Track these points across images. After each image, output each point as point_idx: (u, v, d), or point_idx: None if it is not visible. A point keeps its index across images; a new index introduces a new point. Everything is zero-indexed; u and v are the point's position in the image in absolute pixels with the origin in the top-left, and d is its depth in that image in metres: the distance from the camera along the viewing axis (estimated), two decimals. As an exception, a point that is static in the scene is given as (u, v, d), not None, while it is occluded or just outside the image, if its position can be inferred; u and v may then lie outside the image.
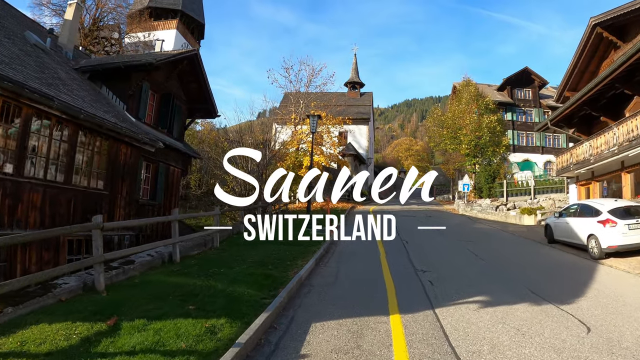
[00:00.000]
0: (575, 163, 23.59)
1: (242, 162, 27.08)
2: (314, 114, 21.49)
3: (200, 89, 21.31)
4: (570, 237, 15.61)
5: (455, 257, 12.69)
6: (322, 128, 37.20)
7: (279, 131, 38.71)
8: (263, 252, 12.66)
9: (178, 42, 45.41)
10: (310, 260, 11.22)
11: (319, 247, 13.87)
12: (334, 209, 30.57)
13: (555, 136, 52.56)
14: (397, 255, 12.99)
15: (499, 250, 14.86)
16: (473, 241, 16.72)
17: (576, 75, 26.18)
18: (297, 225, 21.75)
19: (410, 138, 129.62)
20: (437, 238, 17.41)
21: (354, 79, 59.18)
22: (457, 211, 34.34)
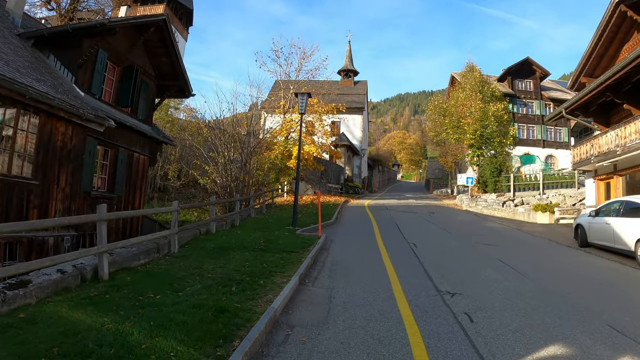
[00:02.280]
0: (598, 155, 21.13)
1: (223, 151, 24.47)
2: (303, 92, 18.77)
3: (171, 63, 18.42)
4: (612, 242, 13.08)
5: (485, 271, 9.80)
6: (313, 117, 34.56)
7: (269, 120, 36.04)
8: (232, 261, 9.91)
9: None
10: (292, 277, 8.26)
11: (305, 253, 11.14)
12: (326, 204, 27.89)
13: (557, 129, 51.19)
14: (408, 266, 10.14)
15: (532, 258, 11.99)
16: (493, 244, 14.01)
17: (594, 59, 24.22)
18: (282, 222, 19.33)
19: (403, 131, 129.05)
20: (449, 240, 14.75)
21: (348, 67, 56.36)
22: (461, 207, 31.74)
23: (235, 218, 18.17)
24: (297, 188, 18.98)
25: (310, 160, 32.35)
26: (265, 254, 10.97)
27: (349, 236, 15.68)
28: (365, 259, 11.09)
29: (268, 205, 25.98)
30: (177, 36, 45.92)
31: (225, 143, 24.91)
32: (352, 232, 17.02)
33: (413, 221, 20.77)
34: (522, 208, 28.37)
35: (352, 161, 49.82)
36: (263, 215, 22.24)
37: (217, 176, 24.19)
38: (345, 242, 14.15)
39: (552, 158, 50.57)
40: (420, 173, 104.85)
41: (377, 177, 67.00)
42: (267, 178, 30.78)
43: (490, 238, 15.85)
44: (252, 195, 22.21)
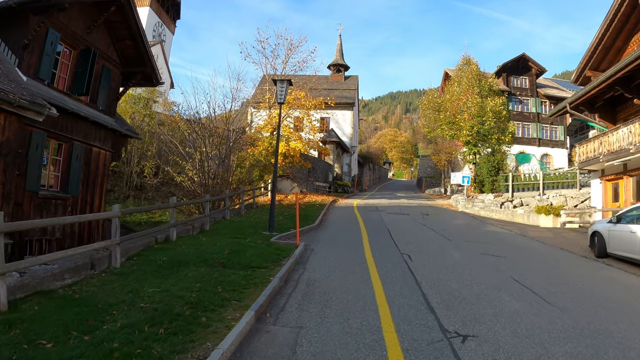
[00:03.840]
0: (607, 153, 19.41)
1: (201, 146, 22.53)
2: (283, 79, 16.77)
3: (136, 47, 16.31)
4: (637, 253, 11.31)
5: (500, 297, 7.74)
6: (301, 111, 32.61)
7: (256, 115, 34.08)
8: (181, 281, 7.94)
9: (151, 21, 40.98)
10: (247, 311, 6.20)
11: (275, 270, 9.19)
12: (311, 204, 25.98)
13: (553, 128, 50.07)
14: (403, 290, 8.09)
15: (550, 275, 10.00)
16: (501, 255, 12.05)
17: (600, 52, 22.68)
18: (259, 226, 17.17)
19: (395, 129, 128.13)
20: (449, 250, 12.71)
21: (338, 61, 54.22)
22: (456, 208, 29.84)
23: (205, 221, 16.13)
24: (274, 186, 16.98)
25: (296, 157, 30.39)
26: (226, 270, 8.97)
27: (332, 245, 13.56)
28: (349, 277, 9.04)
29: (248, 205, 23.98)
30: (164, 29, 44.04)
31: (202, 138, 22.97)
32: (336, 239, 14.95)
33: (406, 225, 18.84)
34: (521, 209, 26.69)
35: (342, 159, 47.81)
36: (240, 217, 20.21)
37: (195, 173, 22.25)
38: (328, 252, 12.05)
39: (547, 157, 49.27)
40: (412, 171, 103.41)
41: (368, 175, 65.12)
42: (250, 176, 28.85)
43: (495, 247, 13.92)
44: (228, 195, 20.15)
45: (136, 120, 30.93)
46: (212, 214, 17.92)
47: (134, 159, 30.01)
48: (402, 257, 11.15)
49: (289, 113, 32.06)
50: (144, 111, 31.79)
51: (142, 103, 31.73)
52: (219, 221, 18.10)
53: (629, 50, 21.28)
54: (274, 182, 17.11)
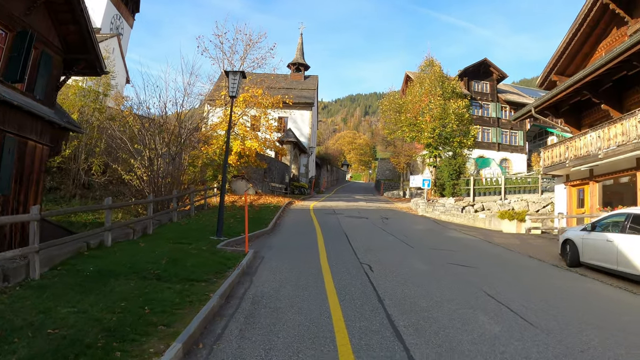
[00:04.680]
0: (574, 158, 18.86)
1: (150, 142, 20.89)
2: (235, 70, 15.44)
3: (80, 32, 14.63)
4: (614, 263, 10.61)
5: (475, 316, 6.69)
6: (258, 110, 31.21)
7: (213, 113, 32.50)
8: (105, 298, 6.58)
9: (109, 13, 38.82)
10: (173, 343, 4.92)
11: (217, 283, 7.90)
12: (266, 205, 24.67)
13: (513, 133, 50.55)
14: (363, 309, 6.92)
15: (524, 288, 9.04)
16: (470, 265, 11.04)
17: (567, 57, 22.52)
18: (207, 230, 15.64)
19: (353, 131, 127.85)
20: (413, 259, 11.56)
21: (299, 60, 52.88)
22: (416, 212, 29.01)
23: (148, 224, 14.56)
24: (223, 186, 15.52)
25: (252, 157, 29.02)
26: (160, 284, 7.61)
27: (285, 252, 12.23)
28: (302, 293, 7.78)
29: (199, 206, 22.45)
30: (122, 22, 41.90)
31: (152, 134, 21.32)
32: (290, 245, 13.62)
33: (365, 230, 17.71)
34: (482, 214, 26.01)
35: (299, 159, 46.52)
36: (189, 219, 18.66)
37: (144, 172, 20.59)
38: (279, 261, 10.74)
39: (506, 161, 49.47)
40: (370, 174, 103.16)
41: (325, 177, 64.04)
42: (204, 175, 27.30)
43: (462, 255, 12.93)
44: (176, 196, 18.61)
45: (85, 114, 28.94)
46: (158, 216, 16.41)
47: (81, 155, 27.99)
48: (361, 268, 9.96)
49: (245, 111, 30.66)
50: (93, 105, 29.75)
51: (92, 96, 29.71)
52: (164, 224, 16.56)
53: (597, 56, 20.97)
54: (224, 182, 15.68)
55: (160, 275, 8.21)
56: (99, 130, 28.49)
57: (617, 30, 19.98)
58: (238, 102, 29.74)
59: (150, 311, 6.15)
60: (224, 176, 15.59)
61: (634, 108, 17.18)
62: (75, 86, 27.18)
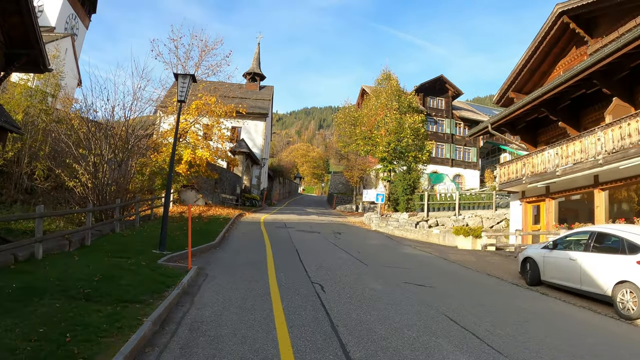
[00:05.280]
0: (531, 175, 18.60)
1: (96, 148, 19.47)
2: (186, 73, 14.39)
3: (23, 25, 13.33)
4: (577, 282, 10.29)
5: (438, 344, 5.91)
6: (211, 119, 30.05)
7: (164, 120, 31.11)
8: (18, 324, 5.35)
9: (65, 12, 36.75)
10: None
11: (154, 305, 6.84)
12: (215, 218, 23.47)
13: (466, 149, 50.99)
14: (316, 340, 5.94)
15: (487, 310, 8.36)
16: (427, 285, 10.28)
17: (525, 74, 22.52)
18: (150, 243, 14.37)
19: (307, 144, 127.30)
20: (367, 278, 10.67)
21: (255, 70, 51.79)
22: (369, 226, 28.32)
23: (86, 235, 13.24)
24: (167, 196, 14.33)
25: (203, 167, 27.78)
26: (88, 305, 6.47)
27: (231, 269, 11.10)
28: (247, 318, 6.75)
29: (145, 217, 21.09)
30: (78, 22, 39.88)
31: (98, 139, 19.91)
32: (237, 261, 12.44)
33: (317, 245, 16.80)
34: (437, 230, 25.62)
35: (251, 171, 45.30)
36: (133, 230, 17.28)
37: (89, 178, 19.12)
38: (225, 279, 9.63)
39: (459, 177, 49.81)
40: (323, 187, 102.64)
41: (278, 189, 62.95)
42: (152, 184, 25.87)
43: (418, 273, 12.19)
44: (120, 205, 17.28)
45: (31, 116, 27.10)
46: (99, 226, 15.08)
47: (24, 158, 26.12)
48: (313, 288, 9.01)
49: (197, 119, 29.43)
50: (40, 106, 27.90)
51: (40, 97, 27.89)
52: (105, 235, 15.18)
53: (555, 74, 21.00)
54: (168, 191, 14.47)
55: (90, 295, 7.06)
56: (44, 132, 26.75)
57: (576, 50, 20.02)
58: (190, 110, 28.54)
59: (71, 339, 5.07)
60: (169, 185, 14.39)
61: (591, 126, 17.16)
62: (22, 85, 25.43)
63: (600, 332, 7.73)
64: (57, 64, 26.07)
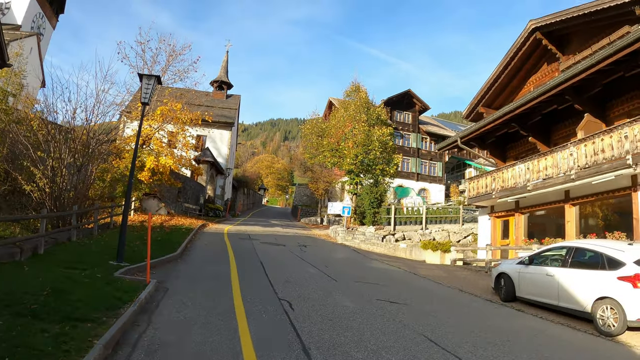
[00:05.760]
0: (501, 189, 18.38)
1: (55, 151, 18.34)
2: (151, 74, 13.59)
3: None
4: (554, 298, 10.02)
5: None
6: (176, 126, 29.11)
7: (128, 126, 30.02)
8: None
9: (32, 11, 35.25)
10: None
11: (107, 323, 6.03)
12: (177, 228, 22.52)
13: (432, 164, 51.26)
14: None
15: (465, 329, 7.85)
16: (401, 302, 9.69)
17: (496, 89, 22.48)
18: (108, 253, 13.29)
19: (272, 155, 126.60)
20: (337, 294, 10.04)
21: (222, 78, 50.88)
22: (335, 239, 27.74)
23: (40, 243, 12.24)
24: (127, 203, 13.41)
25: (166, 175, 26.74)
26: (35, 323, 5.61)
27: (193, 283, 10.28)
28: (210, 340, 5.98)
29: (105, 225, 20.04)
30: (45, 22, 38.39)
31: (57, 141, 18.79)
32: (200, 275, 11.65)
33: (283, 258, 16.07)
34: (403, 244, 25.28)
35: (216, 180, 44.29)
36: (91, 239, 16.24)
37: (47, 183, 17.96)
38: (186, 295, 8.80)
39: (425, 191, 49.90)
40: (287, 199, 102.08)
41: (242, 200, 61.93)
42: (113, 191, 24.71)
43: (390, 289, 11.63)
44: (77, 212, 16.26)
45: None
46: (54, 234, 14.10)
47: (-21, 161, 24.65)
48: (280, 305, 8.30)
49: (162, 126, 28.45)
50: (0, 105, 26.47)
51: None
52: (61, 243, 14.14)
53: (525, 90, 21.05)
54: (127, 199, 13.57)
55: (37, 312, 6.21)
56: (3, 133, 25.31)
57: (548, 66, 20.07)
58: (155, 116, 27.58)
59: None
60: (129, 191, 13.49)
61: (561, 142, 17.13)
62: (-18, 84, 24.12)
63: (584, 349, 7.54)
64: (19, 62, 24.82)
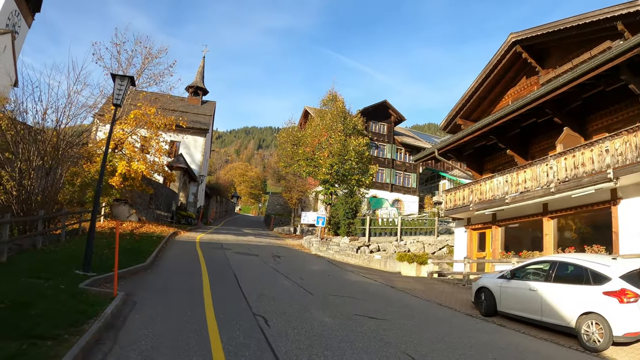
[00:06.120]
0: (479, 202, 18.23)
1: (24, 152, 17.48)
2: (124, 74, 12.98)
3: None
4: (538, 313, 9.84)
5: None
6: (150, 131, 28.41)
7: (101, 129, 29.24)
8: None
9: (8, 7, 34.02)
10: None
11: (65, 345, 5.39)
12: (148, 235, 21.80)
13: (406, 175, 51.31)
14: None
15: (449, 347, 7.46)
16: (380, 317, 9.25)
17: (474, 101, 22.53)
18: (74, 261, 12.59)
19: (246, 163, 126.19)
20: (315, 309, 9.55)
21: (198, 84, 50.10)
22: (309, 250, 27.24)
23: (2, 250, 11.47)
24: (95, 208, 12.74)
25: (137, 180, 25.97)
26: None
27: (163, 296, 9.66)
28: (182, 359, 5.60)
29: (73, 231, 19.21)
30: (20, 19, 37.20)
31: (26, 142, 17.94)
32: (170, 287, 11.01)
33: (256, 270, 15.48)
34: (378, 255, 24.98)
35: (189, 187, 43.41)
36: (57, 246, 15.41)
37: (14, 186, 17.08)
38: (155, 309, 8.22)
39: (399, 202, 49.83)
40: (260, 207, 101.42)
41: (215, 207, 60.98)
42: (84, 196, 23.83)
43: (368, 304, 11.20)
44: (42, 217, 15.43)
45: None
46: (19, 240, 13.40)
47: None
48: (255, 321, 7.78)
49: (135, 130, 27.73)
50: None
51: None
52: (26, 250, 13.35)
53: (503, 103, 21.10)
54: (95, 204, 12.86)
55: None
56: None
57: (527, 80, 20.13)
58: (129, 120, 26.87)
59: None
60: (97, 195, 12.78)
61: (538, 155, 17.15)
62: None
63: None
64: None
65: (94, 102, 26.08)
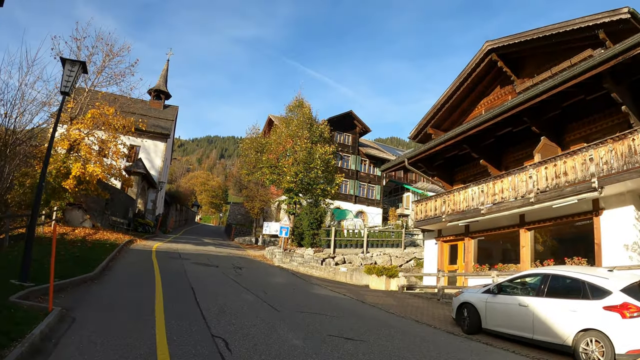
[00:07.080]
0: (452, 212, 17.48)
1: None
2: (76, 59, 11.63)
3: None
4: (529, 331, 9.05)
5: None
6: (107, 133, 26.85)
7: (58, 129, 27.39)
8: None
9: None
10: None
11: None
12: (101, 243, 20.26)
13: (370, 187, 50.91)
14: None
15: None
16: (356, 338, 8.22)
17: (446, 110, 22.10)
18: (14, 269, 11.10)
19: (207, 172, 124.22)
20: (284, 330, 8.35)
21: (161, 87, 48.21)
22: (272, 261, 26.03)
23: None
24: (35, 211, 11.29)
25: (93, 184, 24.35)
26: None
27: (108, 313, 8.33)
28: None
29: (18, 236, 17.57)
30: None
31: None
32: (118, 301, 9.63)
33: (216, 282, 14.19)
34: (344, 267, 24.04)
35: (147, 194, 41.60)
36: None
37: None
38: (96, 329, 6.89)
39: (362, 214, 49.24)
40: (221, 217, 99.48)
41: (174, 216, 59.04)
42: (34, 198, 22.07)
43: (341, 321, 10.10)
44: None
45: None
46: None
47: None
48: (214, 344, 6.57)
49: (92, 131, 26.14)
50: None
51: None
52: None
53: (476, 112, 20.68)
54: (36, 207, 11.44)
55: None
56: None
57: (501, 89, 19.78)
58: (86, 120, 25.33)
59: None
60: (38, 196, 11.32)
61: (512, 165, 16.70)
62: None
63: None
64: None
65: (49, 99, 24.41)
